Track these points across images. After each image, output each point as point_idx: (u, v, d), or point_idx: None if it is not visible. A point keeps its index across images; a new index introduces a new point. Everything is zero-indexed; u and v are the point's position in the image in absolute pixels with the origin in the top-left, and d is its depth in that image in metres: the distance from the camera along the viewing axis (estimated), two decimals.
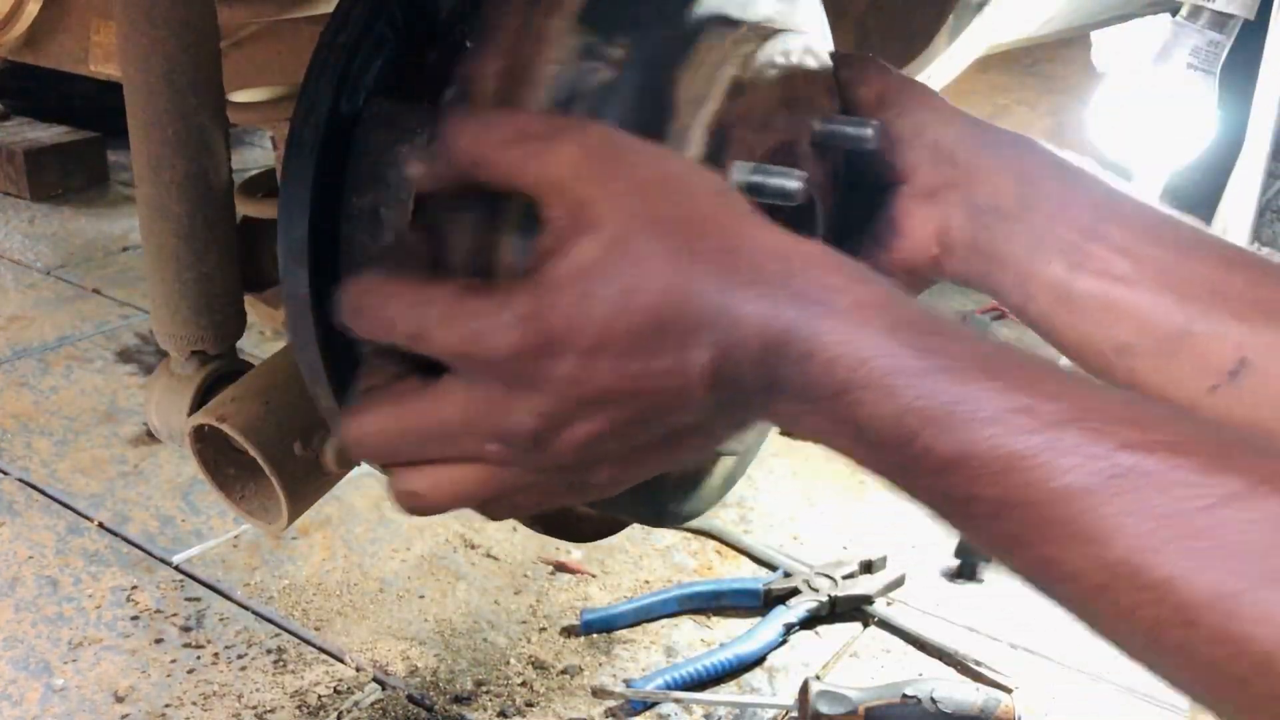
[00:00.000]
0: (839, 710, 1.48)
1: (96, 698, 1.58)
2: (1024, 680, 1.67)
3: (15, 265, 3.16)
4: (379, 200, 0.75)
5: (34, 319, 2.81)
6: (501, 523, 2.01)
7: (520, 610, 1.79)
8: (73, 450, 2.21)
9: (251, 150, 4.16)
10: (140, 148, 0.94)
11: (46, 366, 2.55)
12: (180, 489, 2.08)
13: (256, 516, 1.01)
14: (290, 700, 1.59)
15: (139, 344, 2.68)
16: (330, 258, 0.78)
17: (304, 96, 0.76)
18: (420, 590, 1.83)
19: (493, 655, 1.69)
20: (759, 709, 1.60)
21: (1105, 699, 1.66)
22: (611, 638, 1.73)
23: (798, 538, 2.01)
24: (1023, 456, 0.52)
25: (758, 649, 1.68)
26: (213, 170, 0.96)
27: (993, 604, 1.85)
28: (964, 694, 1.53)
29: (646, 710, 1.58)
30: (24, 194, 3.68)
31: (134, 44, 0.91)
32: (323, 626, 1.74)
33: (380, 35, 0.77)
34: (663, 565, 1.92)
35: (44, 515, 2.00)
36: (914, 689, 1.51)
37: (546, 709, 1.59)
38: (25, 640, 1.69)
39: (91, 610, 1.76)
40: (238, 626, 1.73)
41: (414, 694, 1.61)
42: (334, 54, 0.75)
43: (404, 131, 0.75)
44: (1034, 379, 0.54)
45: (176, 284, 0.98)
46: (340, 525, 1.98)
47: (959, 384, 0.54)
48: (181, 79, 0.92)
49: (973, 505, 0.55)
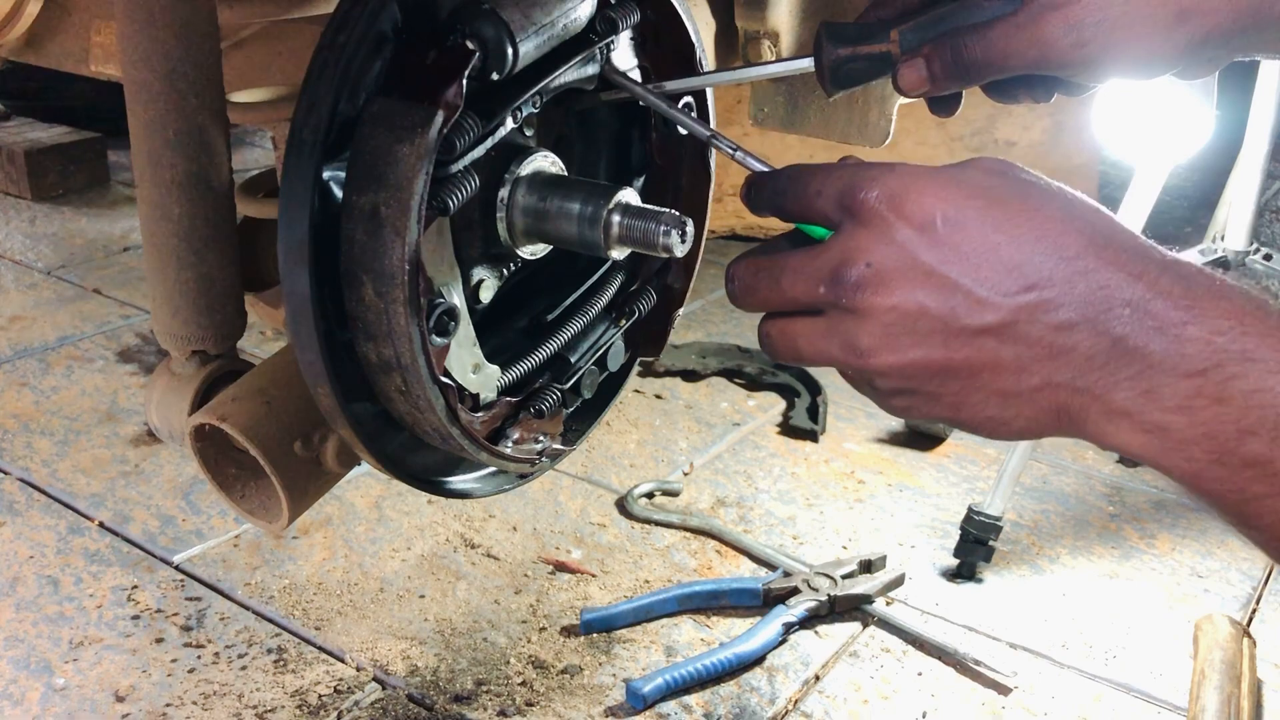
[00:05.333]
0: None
1: (97, 697, 1.58)
2: (1024, 680, 1.68)
3: (16, 265, 3.16)
4: (379, 199, 0.76)
5: (35, 319, 2.81)
6: (501, 523, 2.02)
7: (520, 610, 1.79)
8: (73, 450, 2.21)
9: (251, 150, 4.16)
10: (140, 148, 0.94)
11: (47, 366, 2.56)
12: (181, 489, 2.08)
13: (257, 516, 1.01)
14: (290, 700, 1.59)
15: (140, 344, 2.68)
16: (330, 258, 0.78)
17: (304, 96, 0.76)
18: (420, 590, 1.83)
19: (493, 655, 1.69)
20: (759, 709, 1.60)
21: (1105, 699, 1.66)
22: (611, 637, 1.73)
23: (798, 538, 2.02)
24: None
25: (758, 648, 1.68)
26: (213, 170, 0.96)
27: (992, 604, 1.85)
28: None
29: (646, 710, 1.59)
30: (25, 194, 3.68)
31: (134, 44, 0.91)
32: (323, 626, 1.74)
33: (380, 35, 0.77)
34: (663, 565, 1.92)
35: (45, 515, 2.00)
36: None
37: (546, 708, 1.59)
38: (26, 640, 1.69)
39: (92, 610, 1.76)
40: (238, 626, 1.73)
41: (414, 693, 1.61)
42: (334, 54, 0.75)
43: (404, 131, 0.75)
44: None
45: (177, 284, 0.98)
46: (340, 525, 1.99)
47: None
48: (181, 79, 0.92)
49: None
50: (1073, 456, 2.33)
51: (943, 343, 0.66)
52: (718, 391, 2.56)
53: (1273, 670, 1.72)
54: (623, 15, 0.90)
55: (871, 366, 0.69)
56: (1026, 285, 0.64)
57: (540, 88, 0.85)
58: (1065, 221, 0.65)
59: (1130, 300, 0.62)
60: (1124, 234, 0.66)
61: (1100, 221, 0.66)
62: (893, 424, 2.42)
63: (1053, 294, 0.64)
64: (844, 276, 0.68)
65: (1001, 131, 3.41)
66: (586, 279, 1.02)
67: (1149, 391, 0.62)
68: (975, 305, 0.65)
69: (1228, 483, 0.61)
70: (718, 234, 3.40)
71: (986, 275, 0.65)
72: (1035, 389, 0.66)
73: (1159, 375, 0.62)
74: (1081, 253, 0.64)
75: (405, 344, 0.78)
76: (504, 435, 0.92)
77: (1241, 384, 0.59)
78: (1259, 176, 2.21)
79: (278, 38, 1.24)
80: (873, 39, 0.86)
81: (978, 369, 0.66)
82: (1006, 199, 0.66)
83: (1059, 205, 0.66)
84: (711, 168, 1.03)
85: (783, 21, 1.26)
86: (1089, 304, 0.63)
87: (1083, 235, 0.64)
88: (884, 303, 0.66)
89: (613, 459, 2.24)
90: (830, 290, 0.69)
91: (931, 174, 0.68)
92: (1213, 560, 2.00)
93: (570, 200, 0.86)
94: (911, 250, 0.66)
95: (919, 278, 0.65)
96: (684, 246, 0.85)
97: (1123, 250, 0.64)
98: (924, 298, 0.65)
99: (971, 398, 0.68)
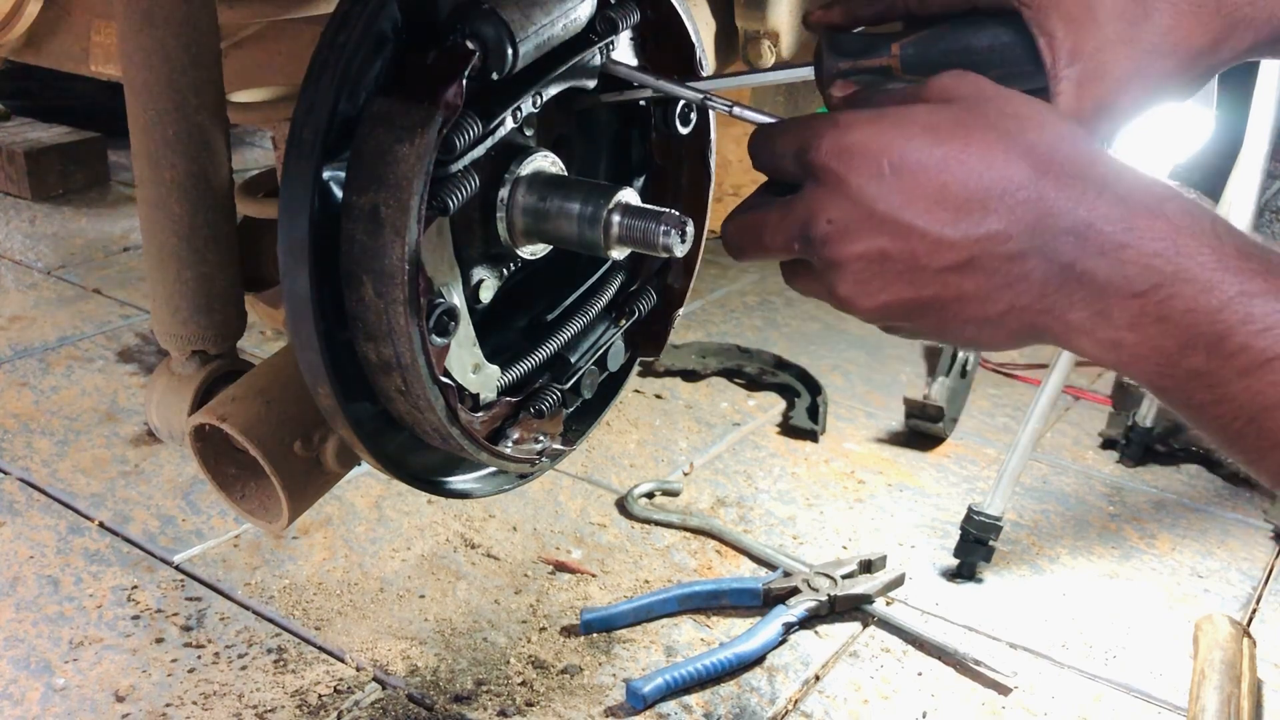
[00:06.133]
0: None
1: (97, 697, 1.58)
2: (1024, 680, 1.68)
3: (16, 265, 3.16)
4: (379, 199, 0.76)
5: (35, 319, 2.81)
6: (501, 523, 2.02)
7: (520, 610, 1.79)
8: (73, 450, 2.21)
9: (251, 150, 4.16)
10: (140, 148, 0.94)
11: (47, 366, 2.56)
12: (181, 488, 2.08)
13: (257, 516, 1.01)
14: (290, 700, 1.59)
15: (140, 344, 2.68)
16: (330, 258, 0.78)
17: (304, 96, 0.76)
18: (420, 590, 1.83)
19: (493, 655, 1.69)
20: (759, 709, 1.60)
21: (1105, 699, 1.66)
22: (611, 637, 1.73)
23: (798, 538, 2.02)
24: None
25: (758, 648, 1.68)
26: (213, 170, 0.96)
27: (992, 604, 1.85)
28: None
29: (646, 710, 1.59)
30: (25, 194, 3.68)
31: (134, 44, 0.91)
32: (323, 626, 1.74)
33: (380, 35, 0.77)
34: (663, 565, 1.92)
35: (45, 515, 2.00)
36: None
37: (546, 708, 1.59)
38: (26, 640, 1.69)
39: (92, 610, 1.76)
40: (238, 626, 1.73)
41: (414, 693, 1.61)
42: (334, 54, 0.75)
43: (404, 131, 0.75)
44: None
45: (177, 284, 0.98)
46: (340, 525, 1.99)
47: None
48: (181, 79, 0.92)
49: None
50: (1073, 457, 2.34)
51: (910, 283, 0.71)
52: (718, 391, 2.56)
53: (1273, 670, 1.72)
54: (623, 15, 0.90)
55: (855, 310, 0.74)
56: (976, 221, 0.68)
57: (540, 87, 0.85)
58: (1007, 149, 0.68)
59: (1071, 228, 0.66)
60: (1065, 151, 0.68)
61: (1042, 141, 0.68)
62: (893, 424, 2.42)
63: (1001, 226, 0.67)
64: (810, 234, 0.72)
65: None
66: (586, 279, 1.02)
67: (1101, 312, 0.67)
68: (933, 246, 0.69)
69: (1178, 391, 0.67)
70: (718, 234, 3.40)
71: (939, 216, 0.68)
72: (1003, 313, 0.70)
73: (1107, 296, 0.66)
74: (1023, 182, 0.67)
75: (405, 344, 0.78)
76: (504, 435, 0.92)
77: (1178, 303, 0.64)
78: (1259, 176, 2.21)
79: (278, 38, 1.24)
80: (874, 53, 0.86)
81: (947, 301, 0.71)
82: (949, 134, 0.69)
83: (1000, 132, 0.68)
84: (712, 168, 1.03)
85: (783, 22, 1.26)
86: (1035, 233, 0.67)
87: (1024, 161, 0.67)
88: (850, 252, 0.71)
89: (613, 459, 2.24)
90: (803, 247, 0.74)
91: (875, 120, 0.71)
92: (1213, 560, 2.00)
93: (570, 200, 0.86)
94: (867, 201, 0.70)
95: (877, 226, 0.70)
96: (684, 246, 0.85)
97: (1063, 173, 0.67)
98: (885, 244, 0.70)
99: (949, 325, 0.73)
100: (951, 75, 0.73)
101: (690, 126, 1.01)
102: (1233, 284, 0.63)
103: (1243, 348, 0.62)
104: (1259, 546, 2.05)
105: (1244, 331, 0.62)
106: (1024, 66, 0.81)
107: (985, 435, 2.41)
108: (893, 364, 2.70)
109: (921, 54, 0.84)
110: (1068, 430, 2.43)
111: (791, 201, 0.74)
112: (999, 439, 2.38)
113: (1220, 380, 0.64)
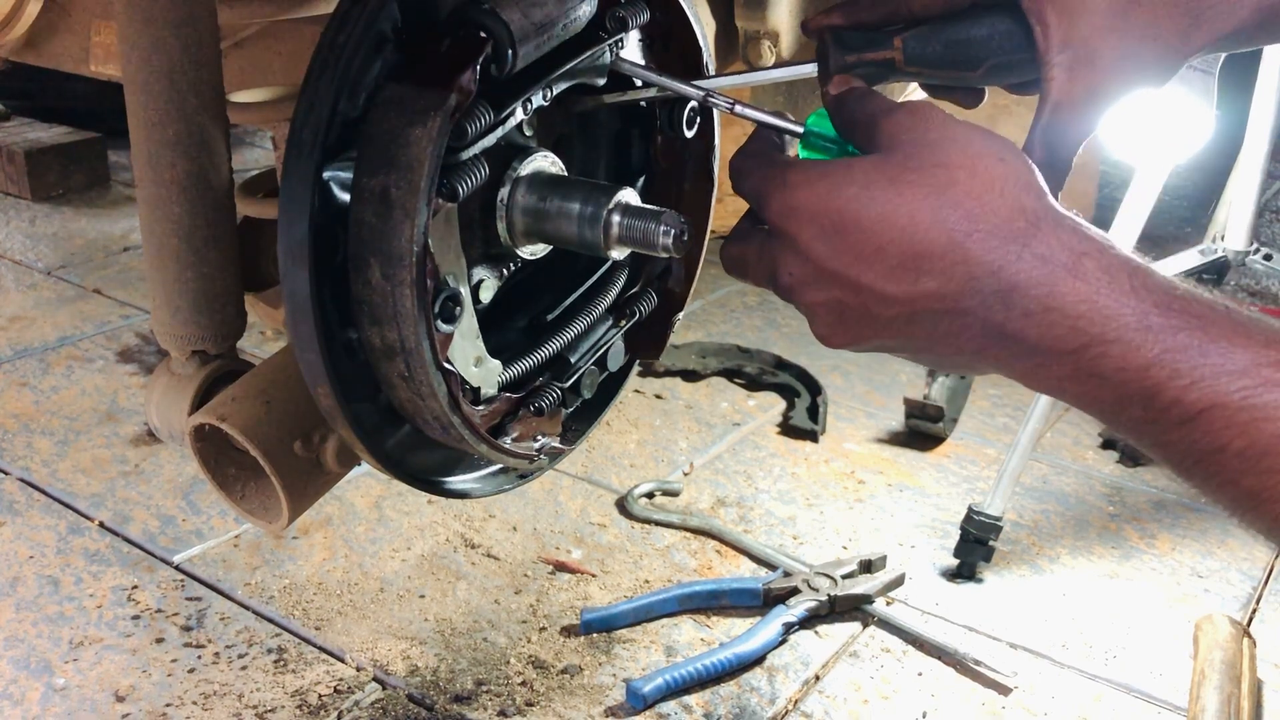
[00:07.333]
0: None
1: (97, 697, 1.58)
2: (1024, 680, 1.68)
3: (16, 265, 3.16)
4: (389, 180, 0.76)
5: (35, 319, 2.81)
6: (501, 523, 2.02)
7: (520, 610, 1.79)
8: (73, 450, 2.21)
9: (251, 150, 4.16)
10: (140, 148, 0.94)
11: (47, 366, 2.56)
12: (181, 489, 2.09)
13: (257, 516, 1.01)
14: (290, 700, 1.59)
15: (140, 344, 2.68)
16: (330, 257, 0.78)
17: (304, 96, 0.76)
18: (420, 590, 1.83)
19: (493, 655, 1.69)
20: (759, 709, 1.60)
21: (1105, 699, 1.66)
22: (611, 637, 1.73)
23: (798, 538, 2.02)
24: (1276, 408, 0.56)
25: (758, 648, 1.68)
26: (213, 170, 0.96)
27: (992, 604, 1.85)
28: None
29: (646, 710, 1.59)
30: (25, 194, 3.68)
31: (134, 44, 0.91)
32: (323, 626, 1.74)
33: (380, 35, 0.77)
34: (663, 565, 1.92)
35: (45, 515, 2.00)
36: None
37: (546, 708, 1.59)
38: (26, 640, 1.69)
39: (92, 610, 1.76)
40: (238, 626, 1.73)
41: (414, 693, 1.61)
42: (334, 54, 0.75)
43: (416, 115, 0.75)
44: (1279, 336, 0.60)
45: (177, 284, 0.98)
46: (341, 525, 1.99)
47: (1206, 339, 0.62)
48: (181, 79, 0.92)
49: (1219, 458, 0.62)
50: (1073, 457, 2.34)
51: (869, 326, 0.74)
52: (718, 391, 2.56)
53: (1273, 670, 1.72)
54: (632, 14, 0.91)
55: (830, 345, 0.79)
56: (913, 280, 0.70)
57: (550, 81, 0.85)
58: (934, 210, 0.69)
59: (996, 290, 0.68)
60: (990, 204, 0.69)
61: (970, 195, 0.70)
62: (893, 424, 2.42)
63: (935, 286, 0.70)
64: (778, 283, 0.77)
65: (1001, 130, 3.40)
66: (587, 279, 1.02)
67: (1039, 366, 0.69)
68: (879, 300, 0.72)
69: (1128, 433, 0.69)
70: (719, 234, 3.40)
71: (880, 272, 0.71)
72: (956, 351, 0.73)
73: (1040, 354, 0.68)
74: (948, 247, 0.69)
75: (410, 327, 0.78)
76: (504, 432, 0.92)
77: (1109, 362, 0.65)
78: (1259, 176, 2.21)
79: (278, 38, 1.24)
80: (877, 46, 0.87)
81: (905, 339, 0.74)
82: (883, 193, 0.71)
83: (929, 189, 0.70)
84: (714, 170, 1.03)
85: (783, 22, 1.26)
86: (966, 294, 0.69)
87: (948, 223, 0.69)
88: (812, 300, 0.75)
89: (613, 459, 2.24)
90: (775, 291, 0.78)
91: (819, 179, 0.74)
92: (1213, 560, 2.00)
93: (570, 200, 0.86)
94: (815, 259, 0.73)
95: (830, 280, 0.73)
96: (684, 247, 0.85)
97: (987, 234, 0.69)
98: (839, 295, 0.73)
99: (919, 356, 0.77)
100: (905, 112, 0.75)
101: (695, 129, 1.01)
102: (1155, 342, 0.64)
103: (1175, 401, 0.63)
104: (1259, 546, 2.05)
105: (1173, 387, 0.63)
106: (1020, 54, 0.83)
107: (985, 435, 2.41)
108: (893, 364, 2.70)
109: (923, 46, 0.85)
110: (1068, 430, 2.43)
111: (763, 245, 0.78)
112: (999, 439, 2.38)
113: (1161, 429, 0.65)
